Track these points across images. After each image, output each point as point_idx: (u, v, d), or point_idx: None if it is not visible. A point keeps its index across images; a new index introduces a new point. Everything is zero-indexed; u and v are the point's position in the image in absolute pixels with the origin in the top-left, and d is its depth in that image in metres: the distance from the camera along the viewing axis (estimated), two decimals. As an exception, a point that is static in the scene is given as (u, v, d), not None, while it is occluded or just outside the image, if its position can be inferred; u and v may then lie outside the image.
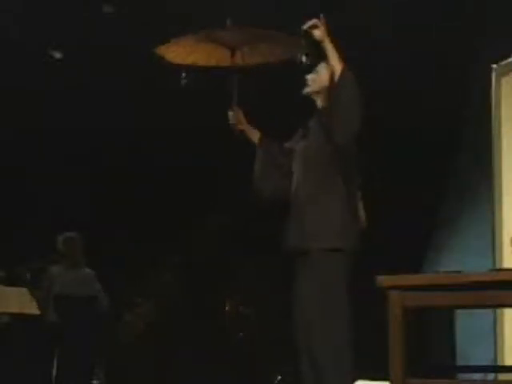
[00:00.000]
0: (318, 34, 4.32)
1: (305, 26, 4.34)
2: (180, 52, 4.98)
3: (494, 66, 6.54)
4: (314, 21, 4.33)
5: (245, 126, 4.79)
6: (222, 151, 7.00)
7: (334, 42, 4.33)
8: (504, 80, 6.51)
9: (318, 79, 4.58)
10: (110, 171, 8.92)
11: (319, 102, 4.60)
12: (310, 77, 4.60)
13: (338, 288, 4.35)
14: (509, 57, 6.44)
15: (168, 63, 4.91)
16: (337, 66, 4.36)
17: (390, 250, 7.39)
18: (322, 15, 4.31)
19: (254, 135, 4.79)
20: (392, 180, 7.57)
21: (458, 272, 3.35)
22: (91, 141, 8.62)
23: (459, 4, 6.69)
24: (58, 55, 7.73)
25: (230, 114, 4.78)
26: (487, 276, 3.26)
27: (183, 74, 4.85)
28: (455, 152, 7.55)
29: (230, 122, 4.78)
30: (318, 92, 4.60)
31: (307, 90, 4.61)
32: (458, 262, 6.86)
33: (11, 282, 7.49)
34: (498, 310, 6.20)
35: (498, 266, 6.06)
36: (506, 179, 6.43)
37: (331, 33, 4.30)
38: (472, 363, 5.96)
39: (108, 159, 8.82)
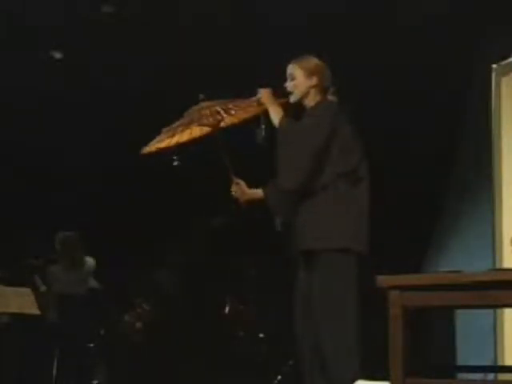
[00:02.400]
0: (262, 99, 4.57)
1: (254, 98, 4.61)
2: (163, 141, 4.98)
3: (494, 66, 6.54)
4: (258, 96, 4.60)
5: (249, 195, 4.77)
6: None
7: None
8: (504, 80, 6.51)
9: (298, 83, 4.57)
10: (110, 171, 8.92)
11: (308, 102, 4.59)
12: (289, 84, 4.59)
13: (347, 288, 4.35)
14: (509, 57, 6.44)
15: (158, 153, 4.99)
16: (276, 120, 4.51)
17: (390, 250, 7.39)
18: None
19: (258, 193, 4.76)
20: (392, 180, 7.56)
21: (458, 272, 3.35)
22: (91, 140, 8.62)
23: (459, 4, 6.68)
24: (57, 55, 7.73)
25: (233, 188, 4.76)
26: (487, 276, 3.26)
27: (174, 157, 4.87)
28: (455, 152, 7.55)
29: (234, 195, 4.77)
30: (305, 94, 4.59)
31: (294, 98, 4.60)
32: (458, 262, 6.86)
33: (11, 281, 7.49)
34: (498, 310, 6.20)
35: (498, 266, 6.06)
36: (506, 179, 6.43)
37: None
38: (472, 363, 5.95)
39: (109, 159, 8.82)
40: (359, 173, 4.45)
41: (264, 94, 4.60)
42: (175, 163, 4.86)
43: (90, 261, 7.93)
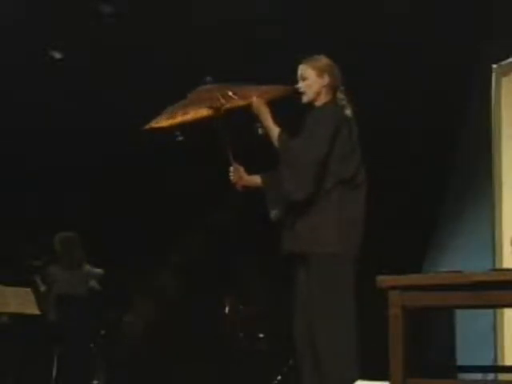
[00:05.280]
0: (253, 106, 4.55)
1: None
2: (167, 117, 4.97)
3: (494, 66, 6.54)
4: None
5: (246, 180, 4.75)
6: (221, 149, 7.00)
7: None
8: (504, 80, 6.51)
9: (310, 83, 4.55)
10: (110, 170, 8.92)
11: (319, 102, 4.58)
12: (302, 85, 4.56)
13: (340, 291, 4.35)
14: (509, 57, 6.44)
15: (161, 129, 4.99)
16: (274, 135, 4.47)
17: (390, 249, 7.39)
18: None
19: (256, 180, 4.75)
20: (392, 180, 7.57)
21: (458, 272, 3.35)
22: (92, 140, 8.62)
23: (460, 4, 6.69)
24: (57, 55, 7.72)
25: (231, 171, 4.74)
26: (487, 276, 3.25)
27: (178, 133, 4.86)
28: (455, 152, 7.56)
29: (232, 180, 4.75)
30: (317, 94, 4.57)
31: (307, 98, 4.57)
32: (458, 261, 6.86)
33: (11, 281, 7.50)
34: (498, 310, 6.20)
35: (497, 266, 6.06)
36: (506, 179, 6.43)
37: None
38: (472, 363, 5.95)
39: (109, 158, 8.82)
40: (357, 180, 4.44)
41: (256, 103, 4.58)
42: (179, 138, 4.85)
43: (97, 270, 7.94)
